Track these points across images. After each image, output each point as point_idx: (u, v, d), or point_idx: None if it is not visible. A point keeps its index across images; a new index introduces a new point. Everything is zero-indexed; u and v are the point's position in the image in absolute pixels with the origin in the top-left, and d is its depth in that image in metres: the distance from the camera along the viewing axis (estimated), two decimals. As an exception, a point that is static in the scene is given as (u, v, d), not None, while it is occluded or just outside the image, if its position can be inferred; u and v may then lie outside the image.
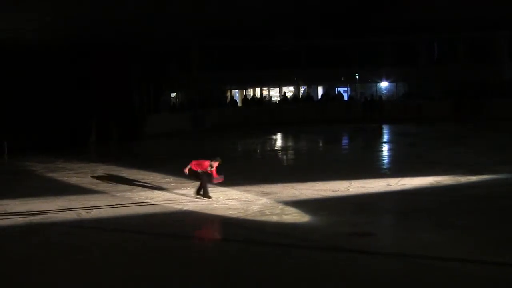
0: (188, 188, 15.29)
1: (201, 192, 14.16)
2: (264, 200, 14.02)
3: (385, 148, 24.79)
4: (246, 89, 42.15)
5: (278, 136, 31.31)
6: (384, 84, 41.24)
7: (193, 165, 14.17)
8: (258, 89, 42.14)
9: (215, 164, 14.14)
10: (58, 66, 26.03)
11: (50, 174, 19.12)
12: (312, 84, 42.66)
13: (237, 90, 42.30)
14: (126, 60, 29.83)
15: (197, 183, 14.35)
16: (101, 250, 10.45)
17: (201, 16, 31.70)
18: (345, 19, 38.02)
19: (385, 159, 21.79)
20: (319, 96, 42.06)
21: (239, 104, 40.27)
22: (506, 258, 9.30)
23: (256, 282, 8.73)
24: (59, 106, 25.97)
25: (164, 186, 16.05)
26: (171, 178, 17.15)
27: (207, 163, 14.13)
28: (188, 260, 9.83)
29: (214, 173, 14.17)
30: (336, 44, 40.17)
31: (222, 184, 14.68)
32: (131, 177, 17.58)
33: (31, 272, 9.44)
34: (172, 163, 20.07)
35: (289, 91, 42.65)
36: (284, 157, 23.74)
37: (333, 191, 14.87)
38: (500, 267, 8.99)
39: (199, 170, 14.11)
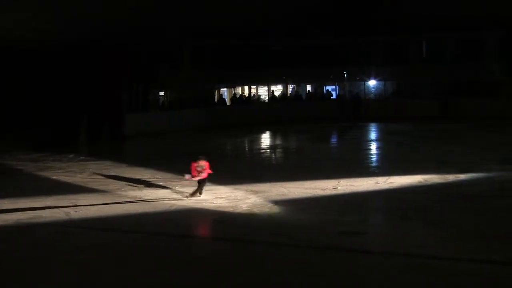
0: (177, 187, 15.31)
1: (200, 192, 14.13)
2: (253, 198, 14.03)
3: (373, 147, 24.87)
4: (234, 87, 42.13)
5: (267, 135, 31.34)
6: (372, 83, 41.36)
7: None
8: (246, 88, 42.12)
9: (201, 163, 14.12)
10: (48, 65, 25.95)
11: (39, 173, 19.00)
12: (300, 83, 42.74)
13: (225, 89, 42.26)
14: (116, 59, 29.78)
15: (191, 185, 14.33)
16: (90, 249, 10.39)
17: (190, 16, 31.70)
18: (334, 19, 38.16)
19: (374, 158, 21.87)
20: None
21: (228, 103, 40.25)
22: (497, 255, 9.37)
23: (245, 281, 8.73)
24: (48, 105, 25.90)
25: (154, 184, 16.04)
26: (160, 177, 17.15)
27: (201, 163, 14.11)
28: (178, 259, 9.82)
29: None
30: (325, 43, 40.28)
31: (211, 182, 14.68)
32: (120, 176, 17.53)
33: (19, 272, 9.38)
34: (161, 162, 20.08)
35: (277, 89, 42.69)
36: (273, 155, 23.75)
37: (321, 189, 14.91)
38: (491, 265, 9.05)
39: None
